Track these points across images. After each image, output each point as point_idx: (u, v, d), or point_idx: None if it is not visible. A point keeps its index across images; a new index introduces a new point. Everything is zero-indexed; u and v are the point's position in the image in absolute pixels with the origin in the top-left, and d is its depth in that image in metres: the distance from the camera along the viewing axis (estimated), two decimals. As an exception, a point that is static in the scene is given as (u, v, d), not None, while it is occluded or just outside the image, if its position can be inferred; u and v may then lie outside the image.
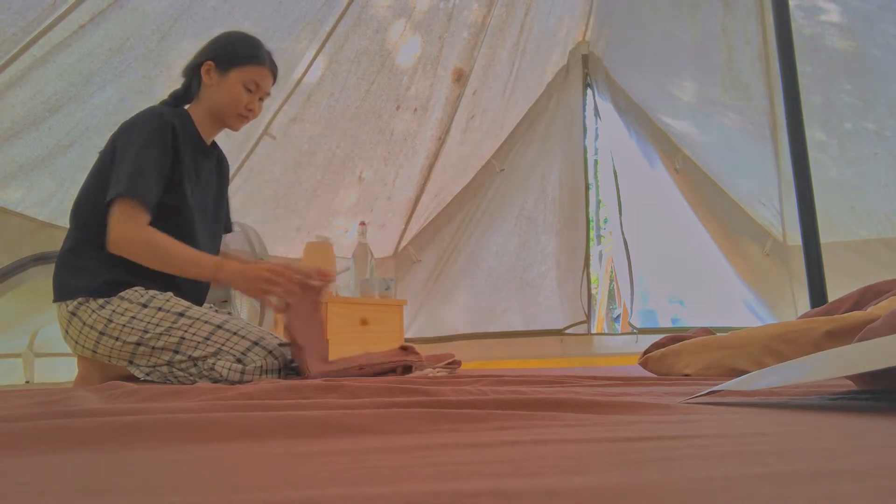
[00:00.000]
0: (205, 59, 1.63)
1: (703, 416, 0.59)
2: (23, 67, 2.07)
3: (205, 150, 1.68)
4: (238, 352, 1.48)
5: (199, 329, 1.50)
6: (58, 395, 0.96)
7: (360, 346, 2.99)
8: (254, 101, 1.66)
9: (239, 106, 1.64)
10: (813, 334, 1.21)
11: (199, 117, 1.66)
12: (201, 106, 1.66)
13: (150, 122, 1.53)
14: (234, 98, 1.62)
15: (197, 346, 1.49)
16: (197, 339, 1.49)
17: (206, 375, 1.48)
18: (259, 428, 0.51)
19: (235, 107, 1.63)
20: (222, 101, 1.63)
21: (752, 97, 3.57)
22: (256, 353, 1.49)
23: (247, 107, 1.65)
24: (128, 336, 1.49)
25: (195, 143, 1.64)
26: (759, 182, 3.75)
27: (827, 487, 0.28)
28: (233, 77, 1.62)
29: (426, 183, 3.74)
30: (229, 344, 1.49)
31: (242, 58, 1.63)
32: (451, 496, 0.27)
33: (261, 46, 1.69)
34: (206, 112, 1.66)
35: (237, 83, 1.62)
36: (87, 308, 1.52)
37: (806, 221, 2.28)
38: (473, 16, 3.29)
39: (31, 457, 0.44)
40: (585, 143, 4.02)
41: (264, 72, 1.66)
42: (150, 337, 1.49)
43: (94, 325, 1.51)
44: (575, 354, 3.66)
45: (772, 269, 3.74)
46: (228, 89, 1.62)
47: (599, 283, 5.23)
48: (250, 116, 1.68)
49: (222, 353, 1.48)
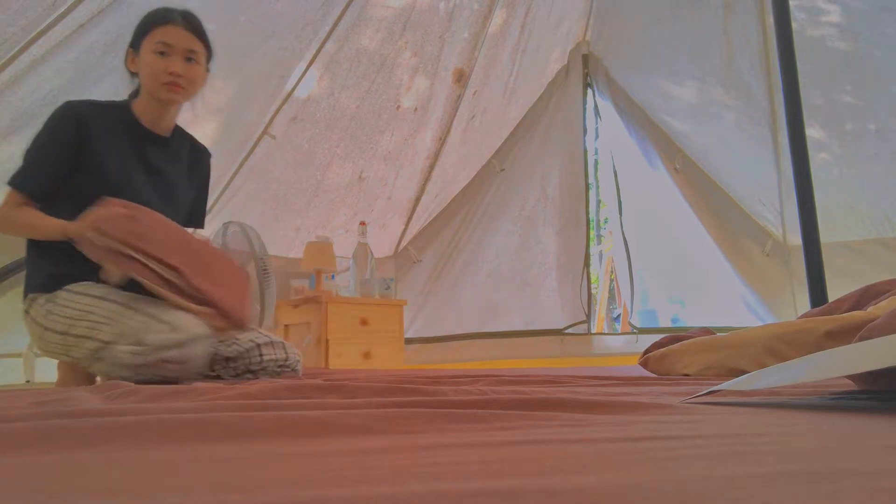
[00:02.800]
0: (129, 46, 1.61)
1: (703, 416, 0.59)
2: (23, 67, 2.07)
3: (150, 137, 1.65)
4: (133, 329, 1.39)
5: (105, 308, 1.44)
6: (58, 394, 0.96)
7: (360, 345, 2.99)
8: (174, 63, 1.55)
9: (158, 74, 1.55)
10: (813, 334, 1.21)
11: (144, 105, 1.63)
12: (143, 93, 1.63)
13: (54, 115, 1.55)
14: (150, 68, 1.55)
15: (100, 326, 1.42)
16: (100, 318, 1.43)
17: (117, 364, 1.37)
18: (259, 428, 0.51)
19: (156, 77, 1.55)
20: (146, 78, 1.57)
21: (752, 97, 3.58)
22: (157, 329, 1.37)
23: (167, 71, 1.54)
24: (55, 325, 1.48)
25: (130, 129, 1.62)
26: (759, 182, 3.75)
27: (827, 487, 0.28)
28: (144, 49, 1.56)
29: (426, 183, 3.74)
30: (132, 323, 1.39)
31: (146, 26, 1.57)
32: (452, 496, 0.27)
33: (167, 9, 1.60)
34: (146, 97, 1.61)
35: (148, 52, 1.55)
36: (36, 307, 1.53)
37: (806, 221, 2.28)
38: (474, 16, 3.29)
39: (31, 457, 0.44)
40: (585, 142, 4.02)
41: (171, 29, 1.56)
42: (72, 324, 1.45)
43: (41, 322, 1.51)
44: (575, 354, 3.66)
45: (772, 269, 3.74)
46: (144, 63, 1.56)
47: (599, 283, 5.23)
48: (180, 82, 1.56)
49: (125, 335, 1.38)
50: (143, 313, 1.41)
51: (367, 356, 3.01)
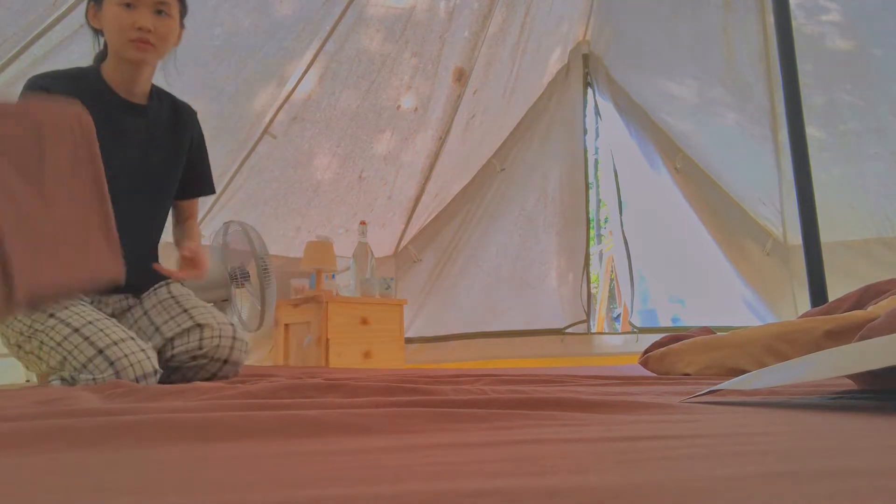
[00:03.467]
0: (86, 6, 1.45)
1: (703, 416, 0.59)
2: (23, 67, 2.07)
3: (125, 106, 1.49)
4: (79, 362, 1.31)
5: (57, 332, 1.34)
6: (58, 394, 0.96)
7: (360, 345, 2.99)
8: (142, 17, 1.39)
9: (124, 30, 1.38)
10: (813, 334, 1.21)
11: (113, 68, 1.47)
12: (109, 53, 1.46)
13: (23, 91, 1.39)
14: (115, 22, 1.38)
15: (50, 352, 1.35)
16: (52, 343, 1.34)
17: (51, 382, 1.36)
18: (259, 428, 0.51)
19: (122, 33, 1.39)
20: (111, 34, 1.41)
21: (752, 97, 3.57)
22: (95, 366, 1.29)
23: (134, 27, 1.38)
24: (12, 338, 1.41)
25: (104, 100, 1.46)
26: (760, 182, 3.75)
27: (827, 487, 0.28)
28: (107, 4, 1.40)
29: (426, 182, 3.74)
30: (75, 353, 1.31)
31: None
32: (452, 496, 0.27)
33: None
34: (114, 59, 1.45)
35: (112, 4, 1.39)
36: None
37: (806, 221, 2.28)
38: (474, 15, 3.29)
39: (31, 456, 0.44)
40: (586, 142, 4.02)
41: None
42: (23, 340, 1.39)
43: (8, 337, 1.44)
44: (575, 354, 3.66)
45: (772, 268, 3.74)
46: (108, 17, 1.40)
47: (600, 283, 5.23)
48: (149, 38, 1.40)
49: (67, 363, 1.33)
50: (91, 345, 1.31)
51: (368, 356, 3.01)
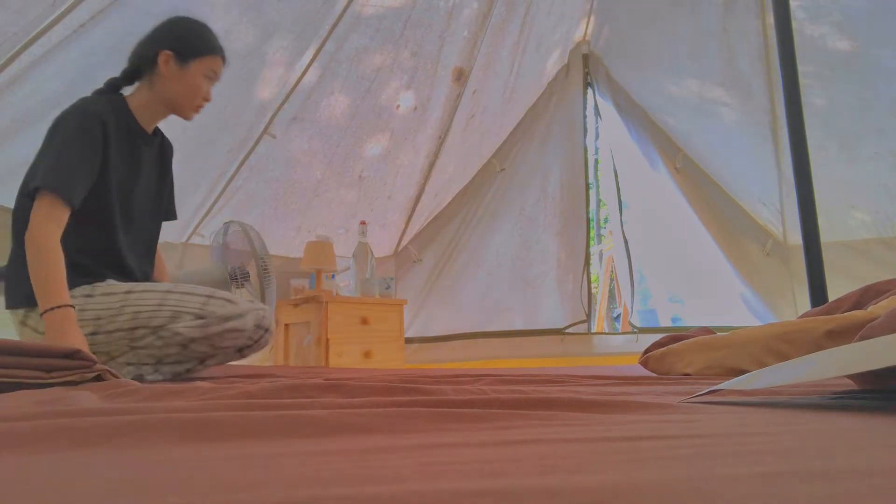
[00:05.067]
0: (160, 48, 1.57)
1: (703, 416, 0.59)
2: (23, 66, 2.07)
3: (145, 137, 1.63)
4: (195, 307, 1.48)
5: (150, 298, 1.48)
6: (58, 394, 0.96)
7: (360, 345, 2.99)
8: (209, 89, 1.64)
9: (199, 97, 1.61)
10: (813, 334, 1.21)
11: (143, 104, 1.61)
12: (150, 94, 1.60)
13: (77, 115, 1.48)
14: (195, 90, 1.60)
15: (152, 315, 1.47)
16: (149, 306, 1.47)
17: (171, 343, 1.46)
18: (259, 428, 0.51)
19: (195, 98, 1.61)
20: (182, 92, 1.59)
21: (752, 97, 3.57)
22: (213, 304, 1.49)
23: (204, 97, 1.63)
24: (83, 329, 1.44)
25: (132, 131, 1.59)
26: (760, 182, 3.75)
27: (827, 487, 0.28)
28: (193, 69, 1.59)
29: (426, 182, 3.74)
30: (184, 303, 1.48)
31: (202, 49, 1.60)
32: (451, 496, 0.27)
33: (213, 34, 1.66)
34: (157, 100, 1.61)
35: (198, 75, 1.59)
36: (34, 316, 1.47)
37: (806, 221, 2.28)
38: (473, 15, 3.29)
39: (31, 456, 0.44)
40: (586, 142, 4.02)
41: (219, 60, 1.64)
42: (104, 321, 1.46)
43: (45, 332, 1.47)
44: (575, 354, 3.66)
45: (772, 268, 3.74)
46: (189, 81, 1.59)
47: (600, 283, 5.23)
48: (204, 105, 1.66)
49: (180, 315, 1.47)
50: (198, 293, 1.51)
51: (368, 355, 3.01)
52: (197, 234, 3.00)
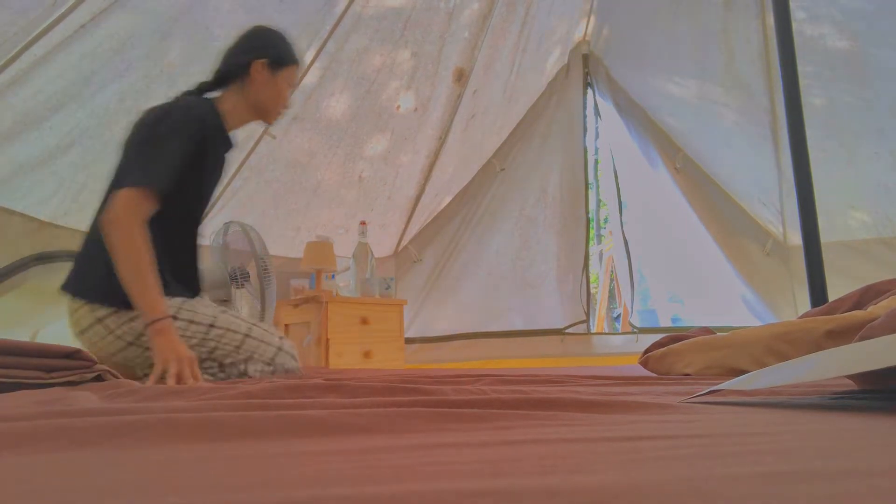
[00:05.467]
0: (255, 55, 1.64)
1: (703, 416, 0.59)
2: (23, 67, 2.07)
3: (228, 143, 1.68)
4: (268, 357, 1.65)
5: (230, 339, 1.59)
6: (58, 394, 0.96)
7: (360, 345, 2.99)
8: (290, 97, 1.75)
9: (281, 104, 1.71)
10: (813, 334, 1.21)
11: (231, 109, 1.64)
12: (239, 99, 1.65)
13: (178, 113, 1.50)
14: (282, 96, 1.69)
15: (228, 354, 1.59)
16: (228, 348, 1.59)
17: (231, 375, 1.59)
18: (259, 428, 0.51)
19: (281, 104, 1.71)
20: (270, 98, 1.67)
21: (752, 97, 3.57)
22: (282, 357, 1.67)
23: (286, 106, 1.74)
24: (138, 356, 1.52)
25: (222, 138, 1.64)
26: (760, 182, 3.75)
27: (827, 487, 0.28)
28: (281, 77, 1.68)
29: (426, 182, 3.74)
30: (259, 351, 1.63)
31: (289, 59, 1.70)
32: (451, 496, 0.27)
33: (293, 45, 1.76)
34: (245, 105, 1.66)
35: (284, 82, 1.69)
36: (117, 319, 1.47)
37: (806, 221, 2.28)
38: (474, 15, 3.29)
39: (31, 457, 0.44)
40: (586, 142, 4.02)
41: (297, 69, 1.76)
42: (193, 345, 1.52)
43: (123, 336, 1.49)
44: (575, 354, 3.66)
45: (772, 268, 3.74)
46: (277, 88, 1.67)
47: (599, 283, 5.23)
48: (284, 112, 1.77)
49: (253, 359, 1.62)
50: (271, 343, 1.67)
51: (368, 356, 3.01)
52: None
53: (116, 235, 1.37)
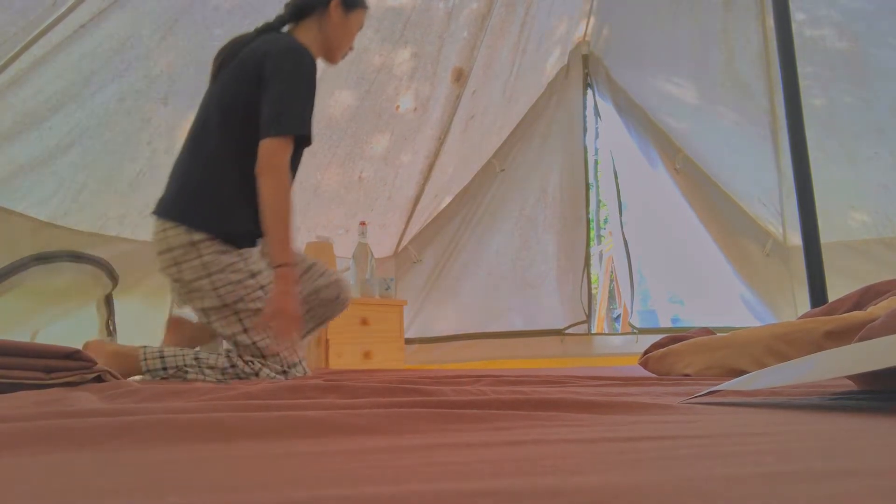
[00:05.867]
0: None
1: (703, 416, 0.59)
2: (23, 67, 2.07)
3: None
4: (286, 364, 1.61)
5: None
6: (58, 394, 0.96)
7: (360, 345, 2.99)
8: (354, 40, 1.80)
9: (346, 46, 1.76)
10: (813, 334, 1.21)
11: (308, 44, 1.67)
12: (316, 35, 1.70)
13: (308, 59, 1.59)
14: (350, 38, 1.75)
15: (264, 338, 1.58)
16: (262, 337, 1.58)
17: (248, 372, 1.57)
18: (259, 428, 0.51)
19: (344, 46, 1.76)
20: (340, 38, 1.72)
21: (752, 97, 3.57)
22: (298, 370, 1.63)
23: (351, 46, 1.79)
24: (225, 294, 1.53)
25: None
26: (759, 182, 3.75)
27: (827, 487, 0.28)
28: (353, 18, 1.73)
29: (426, 183, 3.74)
30: (285, 353, 1.60)
31: (361, 2, 1.75)
32: (452, 496, 0.27)
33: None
34: (318, 43, 1.70)
35: (354, 25, 1.74)
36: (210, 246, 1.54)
37: (806, 221, 2.28)
38: (473, 15, 3.29)
39: (31, 457, 0.44)
40: (586, 142, 4.02)
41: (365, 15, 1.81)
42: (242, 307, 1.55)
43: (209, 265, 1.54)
44: (575, 354, 3.66)
45: (772, 269, 3.74)
46: (348, 29, 1.73)
47: (599, 283, 5.23)
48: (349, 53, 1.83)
49: (274, 359, 1.58)
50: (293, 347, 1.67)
51: (368, 356, 3.01)
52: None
53: (271, 183, 1.49)
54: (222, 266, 1.53)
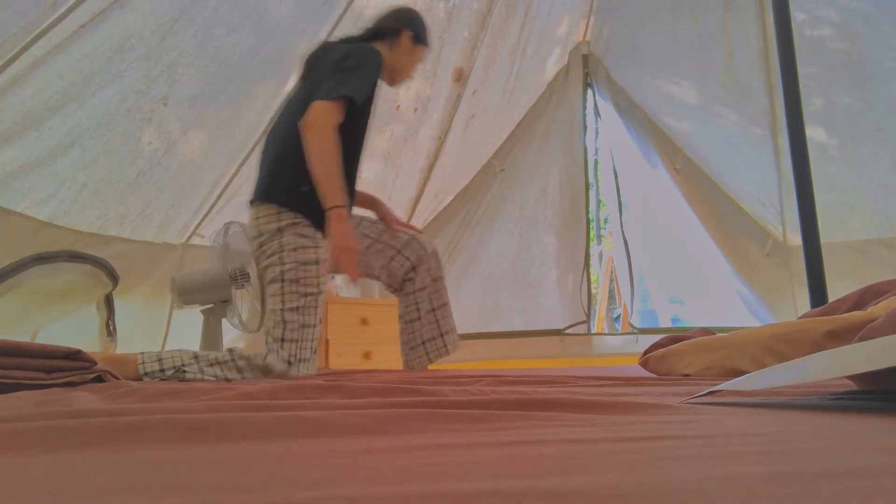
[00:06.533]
0: (406, 26, 1.93)
1: (703, 417, 0.59)
2: (23, 67, 2.06)
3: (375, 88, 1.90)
4: (292, 357, 1.66)
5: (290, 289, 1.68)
6: (58, 394, 0.96)
7: (360, 345, 2.99)
8: None
9: (410, 71, 1.99)
10: (813, 334, 1.21)
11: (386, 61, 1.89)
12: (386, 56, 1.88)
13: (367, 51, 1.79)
14: (413, 66, 1.99)
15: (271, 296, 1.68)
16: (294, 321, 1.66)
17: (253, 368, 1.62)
18: (259, 428, 0.51)
19: (409, 72, 1.99)
20: (405, 64, 1.96)
21: (752, 97, 3.57)
22: (305, 367, 1.68)
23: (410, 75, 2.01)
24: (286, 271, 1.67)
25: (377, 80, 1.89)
26: (759, 182, 3.75)
27: (827, 487, 0.28)
28: (418, 52, 1.97)
29: (426, 183, 3.74)
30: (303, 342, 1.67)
31: (426, 40, 2.00)
32: (452, 496, 0.27)
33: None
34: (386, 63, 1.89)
35: (419, 56, 1.98)
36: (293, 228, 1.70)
37: (806, 221, 2.28)
38: (473, 15, 3.29)
39: (31, 457, 0.44)
40: (586, 142, 4.02)
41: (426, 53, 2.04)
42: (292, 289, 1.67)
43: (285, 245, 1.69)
44: (575, 354, 3.66)
45: (772, 269, 3.74)
46: (413, 60, 1.98)
47: (599, 283, 5.23)
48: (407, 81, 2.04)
49: (285, 345, 1.64)
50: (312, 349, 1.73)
51: (368, 356, 3.01)
52: (197, 234, 3.00)
53: (311, 134, 1.63)
54: (295, 246, 1.70)
